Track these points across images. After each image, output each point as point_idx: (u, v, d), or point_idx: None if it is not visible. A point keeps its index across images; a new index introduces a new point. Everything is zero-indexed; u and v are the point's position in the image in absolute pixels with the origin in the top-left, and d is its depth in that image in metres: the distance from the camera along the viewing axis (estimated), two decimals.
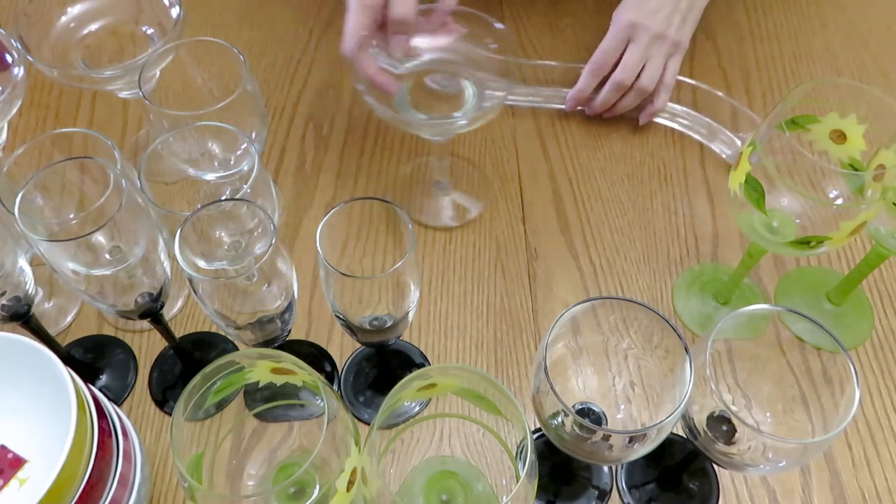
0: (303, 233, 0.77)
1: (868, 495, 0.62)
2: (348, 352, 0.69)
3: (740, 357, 0.55)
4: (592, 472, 0.63)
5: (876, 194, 0.54)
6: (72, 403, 0.48)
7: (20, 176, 0.54)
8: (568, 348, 0.56)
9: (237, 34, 0.94)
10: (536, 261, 0.75)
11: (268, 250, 0.49)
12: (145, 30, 0.71)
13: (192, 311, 0.71)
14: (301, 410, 0.56)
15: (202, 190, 0.63)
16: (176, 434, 0.44)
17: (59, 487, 0.45)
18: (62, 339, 0.69)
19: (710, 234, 0.77)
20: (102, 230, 0.50)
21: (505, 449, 0.54)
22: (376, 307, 0.54)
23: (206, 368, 0.46)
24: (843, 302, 0.70)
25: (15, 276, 0.55)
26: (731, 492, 0.62)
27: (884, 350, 0.69)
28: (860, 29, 0.94)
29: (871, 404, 0.66)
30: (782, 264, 0.74)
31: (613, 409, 0.58)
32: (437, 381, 0.49)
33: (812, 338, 0.51)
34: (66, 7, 0.69)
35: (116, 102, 0.86)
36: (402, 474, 0.60)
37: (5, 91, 0.60)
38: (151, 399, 0.66)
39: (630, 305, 0.51)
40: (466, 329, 0.71)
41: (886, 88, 0.88)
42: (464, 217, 0.78)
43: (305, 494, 0.50)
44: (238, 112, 0.60)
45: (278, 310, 0.55)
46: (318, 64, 0.91)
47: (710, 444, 0.50)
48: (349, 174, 0.81)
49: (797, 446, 0.46)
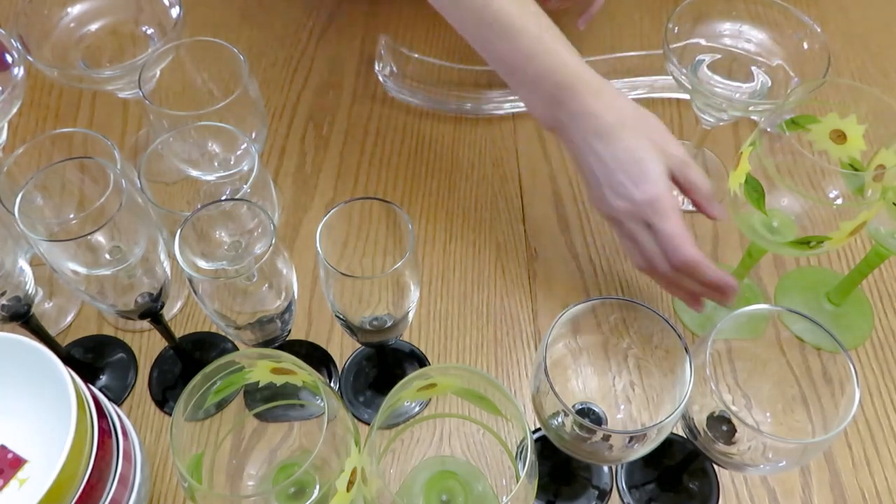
0: (303, 233, 0.77)
1: (868, 495, 0.62)
2: (348, 352, 0.69)
3: (740, 357, 0.55)
4: (592, 472, 0.63)
5: (876, 194, 0.54)
6: (72, 403, 0.48)
7: (20, 176, 0.54)
8: (568, 348, 0.56)
9: (237, 34, 0.94)
10: (536, 261, 0.75)
11: (268, 250, 0.49)
12: (145, 30, 0.71)
13: (192, 311, 0.71)
14: (301, 410, 0.56)
15: (202, 190, 0.63)
16: (176, 434, 0.44)
17: (59, 487, 0.45)
18: (62, 339, 0.69)
19: (710, 234, 0.77)
20: (102, 230, 0.50)
21: (505, 449, 0.54)
22: (376, 307, 0.54)
23: (206, 368, 0.46)
24: (843, 302, 0.70)
25: (15, 276, 0.55)
26: (731, 492, 0.62)
27: (884, 350, 0.69)
28: (860, 29, 0.94)
29: (871, 404, 0.66)
30: (782, 264, 0.74)
31: (613, 409, 0.58)
32: (437, 381, 0.49)
33: (812, 338, 0.51)
34: (66, 7, 0.69)
35: (116, 102, 0.86)
36: (402, 474, 0.60)
37: (5, 91, 0.60)
38: (151, 399, 0.66)
39: (630, 305, 0.51)
40: (466, 329, 0.71)
41: (886, 88, 0.88)
42: (465, 217, 0.78)
43: (305, 494, 0.50)
44: (238, 112, 0.60)
45: (278, 310, 0.55)
46: (318, 64, 0.91)
47: (710, 444, 0.50)
48: (349, 174, 0.81)
49: (797, 446, 0.46)
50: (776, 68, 0.70)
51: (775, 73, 0.69)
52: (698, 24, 0.70)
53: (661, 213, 0.58)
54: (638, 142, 0.59)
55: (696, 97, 0.67)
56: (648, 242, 0.60)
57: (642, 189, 0.58)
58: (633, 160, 0.59)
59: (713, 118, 0.69)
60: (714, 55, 0.71)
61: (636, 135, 0.60)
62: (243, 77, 0.60)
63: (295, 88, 0.88)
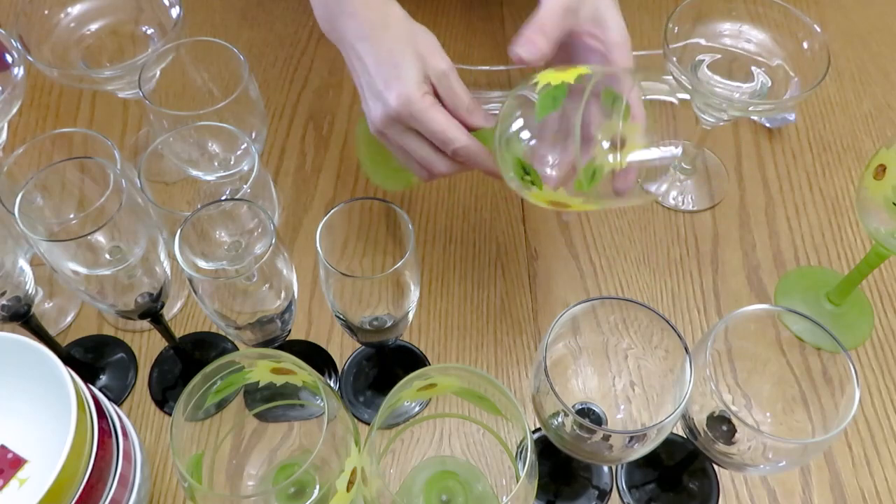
0: (303, 233, 0.77)
1: (868, 495, 0.62)
2: (348, 352, 0.69)
3: (740, 357, 0.55)
4: (592, 472, 0.63)
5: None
6: (72, 403, 0.48)
7: (20, 176, 0.54)
8: (568, 348, 0.56)
9: (237, 34, 0.94)
10: (536, 261, 0.75)
11: (268, 250, 0.49)
12: (145, 30, 0.71)
13: (192, 311, 0.71)
14: (301, 410, 0.56)
15: (202, 190, 0.63)
16: (176, 434, 0.44)
17: (59, 487, 0.45)
18: (62, 339, 0.69)
19: (710, 235, 0.77)
20: (102, 230, 0.50)
21: (505, 449, 0.54)
22: (376, 307, 0.54)
23: (206, 368, 0.46)
24: (843, 302, 0.70)
25: (15, 276, 0.55)
26: (731, 492, 0.62)
27: (884, 350, 0.69)
28: (860, 29, 0.94)
29: (871, 404, 0.66)
30: (782, 264, 0.75)
31: (613, 409, 0.58)
32: (437, 381, 0.49)
33: (812, 338, 0.51)
34: (66, 7, 0.69)
35: (116, 102, 0.86)
36: (402, 474, 0.60)
37: (5, 91, 0.60)
38: (151, 399, 0.66)
39: (630, 305, 0.52)
40: (466, 329, 0.71)
41: (886, 88, 0.88)
42: (465, 217, 0.78)
43: (305, 494, 0.50)
44: (238, 112, 0.60)
45: (278, 310, 0.55)
46: (318, 64, 0.91)
47: (710, 444, 0.50)
48: (349, 174, 0.81)
49: (797, 446, 0.46)
50: (776, 68, 0.70)
51: (775, 73, 0.69)
52: (698, 24, 0.70)
53: (419, 113, 0.55)
54: (399, 45, 0.57)
55: (696, 97, 0.67)
56: (419, 147, 0.57)
57: (395, 91, 0.55)
58: (392, 64, 0.56)
59: (713, 118, 0.69)
60: (714, 55, 0.71)
61: (400, 41, 0.57)
62: (243, 77, 0.60)
63: (295, 88, 0.88)
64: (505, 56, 0.91)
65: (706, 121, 0.70)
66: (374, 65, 0.57)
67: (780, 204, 0.79)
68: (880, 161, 0.57)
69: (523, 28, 0.55)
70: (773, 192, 0.80)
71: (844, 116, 0.86)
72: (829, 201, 0.79)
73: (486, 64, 0.63)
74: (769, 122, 0.85)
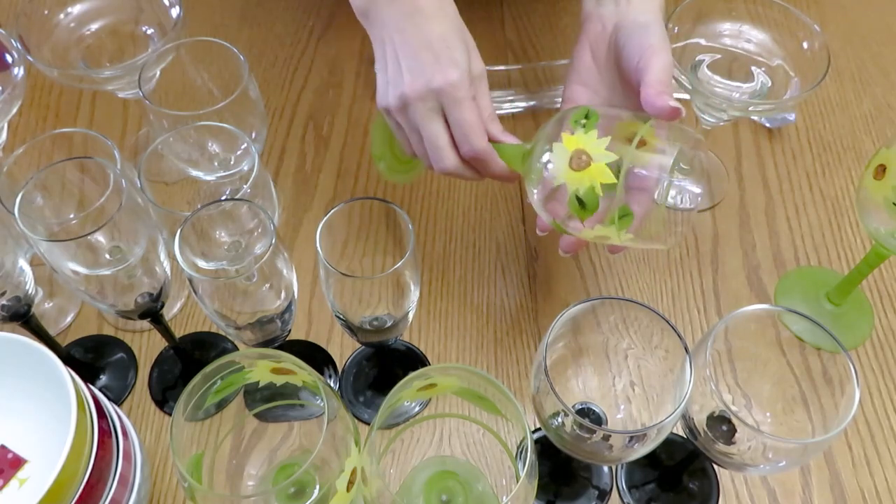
0: (303, 233, 0.77)
1: (868, 495, 0.62)
2: (348, 352, 0.69)
3: (740, 357, 0.55)
4: (592, 472, 0.63)
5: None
6: (72, 403, 0.48)
7: (20, 176, 0.54)
8: (568, 348, 0.56)
9: (237, 34, 0.94)
10: (536, 261, 0.75)
11: (268, 250, 0.49)
12: (145, 30, 0.71)
13: (192, 311, 0.71)
14: (301, 410, 0.56)
15: (202, 190, 0.63)
16: (176, 434, 0.44)
17: (59, 487, 0.45)
18: (62, 339, 0.69)
19: (710, 234, 0.77)
20: (102, 230, 0.50)
21: (505, 449, 0.54)
22: (376, 307, 0.54)
23: (206, 368, 0.46)
24: (843, 302, 0.70)
25: (15, 276, 0.55)
26: (731, 492, 0.62)
27: (884, 350, 0.69)
28: (860, 29, 0.94)
29: (871, 404, 0.66)
30: (782, 264, 0.75)
31: (613, 409, 0.58)
32: (437, 381, 0.49)
33: (812, 338, 0.51)
34: (66, 7, 0.69)
35: (116, 102, 0.86)
36: (402, 474, 0.60)
37: (5, 91, 0.60)
38: (151, 399, 0.66)
39: (630, 305, 0.52)
40: (466, 329, 0.71)
41: (886, 88, 0.88)
42: (465, 217, 0.78)
43: (305, 494, 0.50)
44: (238, 112, 0.60)
45: (278, 310, 0.55)
46: (318, 64, 0.91)
47: (710, 444, 0.50)
48: (349, 174, 0.81)
49: (797, 446, 0.46)
50: (776, 68, 0.70)
51: (775, 73, 0.69)
52: (698, 24, 0.70)
53: (459, 100, 0.55)
54: (452, 33, 0.56)
55: (696, 97, 0.67)
56: (438, 134, 0.57)
57: (446, 72, 0.55)
58: (445, 45, 0.56)
59: (713, 118, 0.69)
60: (714, 55, 0.71)
61: (455, 30, 0.57)
62: (243, 77, 0.60)
63: (295, 88, 0.88)
64: (505, 56, 0.91)
65: (706, 121, 0.70)
66: (423, 44, 0.56)
67: (780, 204, 0.79)
68: (880, 161, 0.57)
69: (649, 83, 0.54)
70: (773, 192, 0.80)
71: (844, 116, 0.86)
72: (829, 201, 0.79)
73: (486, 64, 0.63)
74: (769, 122, 0.85)
